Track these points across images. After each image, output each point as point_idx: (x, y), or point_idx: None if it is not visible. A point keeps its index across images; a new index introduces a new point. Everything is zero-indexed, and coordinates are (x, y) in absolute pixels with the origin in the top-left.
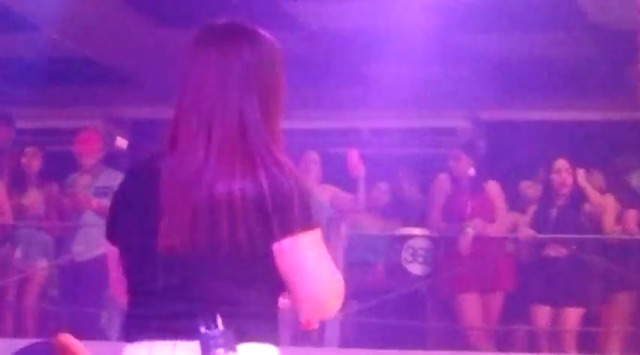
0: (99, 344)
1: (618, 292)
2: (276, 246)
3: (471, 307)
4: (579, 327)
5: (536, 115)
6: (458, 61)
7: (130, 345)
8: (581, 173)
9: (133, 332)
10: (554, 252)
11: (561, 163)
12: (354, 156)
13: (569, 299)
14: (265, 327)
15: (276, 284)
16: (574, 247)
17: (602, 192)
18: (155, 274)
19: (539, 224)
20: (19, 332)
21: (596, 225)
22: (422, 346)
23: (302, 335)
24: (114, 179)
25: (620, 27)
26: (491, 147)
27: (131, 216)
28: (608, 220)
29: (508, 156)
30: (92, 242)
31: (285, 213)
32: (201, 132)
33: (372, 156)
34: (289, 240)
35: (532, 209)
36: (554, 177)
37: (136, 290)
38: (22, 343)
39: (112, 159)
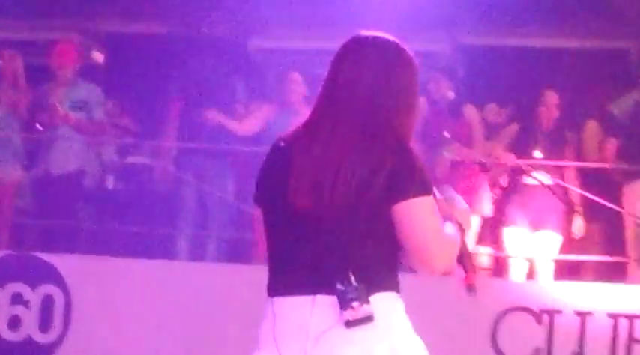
0: (70, 256)
1: (593, 221)
2: (394, 208)
3: None
4: (553, 253)
5: (516, 42)
6: None
7: (271, 299)
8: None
9: (274, 287)
10: (532, 179)
11: (550, 96)
12: None
13: (545, 226)
14: (388, 277)
15: (395, 240)
16: (553, 174)
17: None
18: (292, 234)
19: (519, 150)
20: None
21: (577, 153)
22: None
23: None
24: (89, 92)
25: None
26: (470, 73)
27: (272, 182)
28: (589, 148)
29: (487, 82)
30: (67, 156)
31: (402, 181)
32: (331, 118)
33: None
34: (404, 203)
35: (511, 133)
36: (543, 110)
37: (275, 249)
38: None
39: (87, 72)
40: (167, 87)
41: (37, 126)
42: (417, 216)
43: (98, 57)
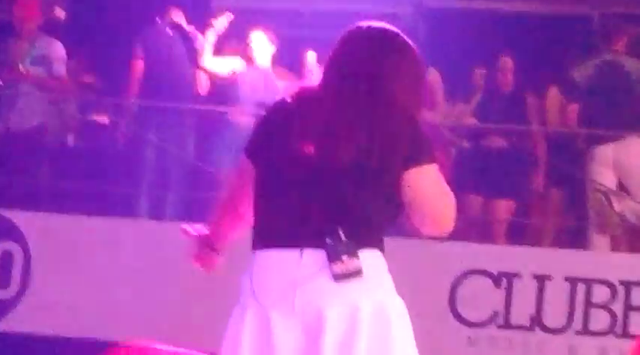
0: (30, 213)
1: (553, 186)
2: (407, 173)
3: None
4: (511, 218)
5: (478, 4)
6: None
7: (258, 252)
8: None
9: (258, 241)
10: (494, 143)
11: (505, 62)
12: (311, 57)
13: (503, 191)
14: (377, 236)
15: (395, 204)
16: (514, 139)
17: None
18: (284, 187)
19: (482, 114)
20: None
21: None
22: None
23: None
24: (50, 46)
25: None
26: (432, 35)
27: (273, 138)
28: (551, 113)
29: (450, 45)
30: (28, 112)
31: (415, 149)
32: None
33: (314, 37)
34: (418, 169)
35: (475, 99)
36: (498, 74)
37: (263, 203)
38: None
39: (49, 27)
40: (130, 45)
41: None
42: (429, 181)
43: (60, 13)
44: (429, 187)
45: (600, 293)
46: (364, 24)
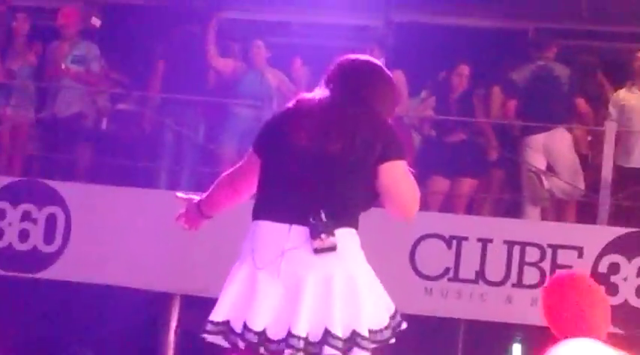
0: (70, 184)
1: (494, 168)
2: (381, 166)
3: None
4: (468, 195)
5: (438, 20)
6: None
7: (256, 222)
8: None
9: (258, 212)
10: (453, 136)
11: (463, 69)
12: (297, 63)
13: (463, 173)
14: (352, 218)
15: (370, 193)
16: (467, 130)
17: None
18: (281, 174)
19: (440, 109)
20: (8, 172)
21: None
22: None
23: None
24: (87, 48)
25: None
26: (399, 44)
27: (275, 136)
28: (494, 108)
29: (413, 52)
30: (69, 102)
31: (389, 147)
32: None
33: (301, 44)
34: (388, 163)
35: (432, 99)
36: (456, 77)
37: (265, 184)
38: (4, 180)
39: (87, 33)
40: (153, 48)
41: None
42: (398, 173)
43: (96, 22)
44: (398, 179)
45: (532, 254)
46: (354, 56)
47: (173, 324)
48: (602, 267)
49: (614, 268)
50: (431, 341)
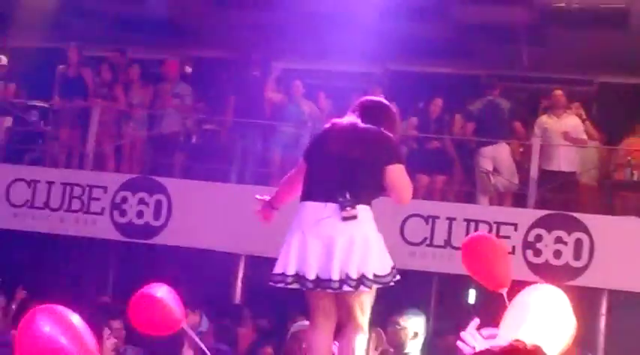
0: (172, 179)
1: (457, 169)
2: (387, 167)
3: None
4: (440, 187)
5: (423, 68)
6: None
7: (302, 202)
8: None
9: (305, 196)
10: (431, 145)
11: (437, 101)
12: (322, 96)
13: (437, 172)
14: (369, 199)
15: (380, 184)
16: (439, 143)
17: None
18: (321, 171)
19: (421, 129)
20: (130, 170)
21: (450, 131)
22: None
23: None
24: (183, 87)
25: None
26: (393, 86)
27: (317, 146)
28: (457, 129)
29: (404, 91)
30: (170, 122)
31: (391, 153)
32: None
33: (323, 85)
34: (392, 166)
35: (415, 120)
36: (432, 106)
37: (309, 178)
38: (127, 176)
39: (183, 77)
40: (228, 87)
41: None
42: (399, 173)
43: (188, 69)
44: (398, 177)
45: (483, 228)
46: (371, 97)
47: (240, 275)
48: (531, 237)
49: (539, 238)
50: (412, 288)
